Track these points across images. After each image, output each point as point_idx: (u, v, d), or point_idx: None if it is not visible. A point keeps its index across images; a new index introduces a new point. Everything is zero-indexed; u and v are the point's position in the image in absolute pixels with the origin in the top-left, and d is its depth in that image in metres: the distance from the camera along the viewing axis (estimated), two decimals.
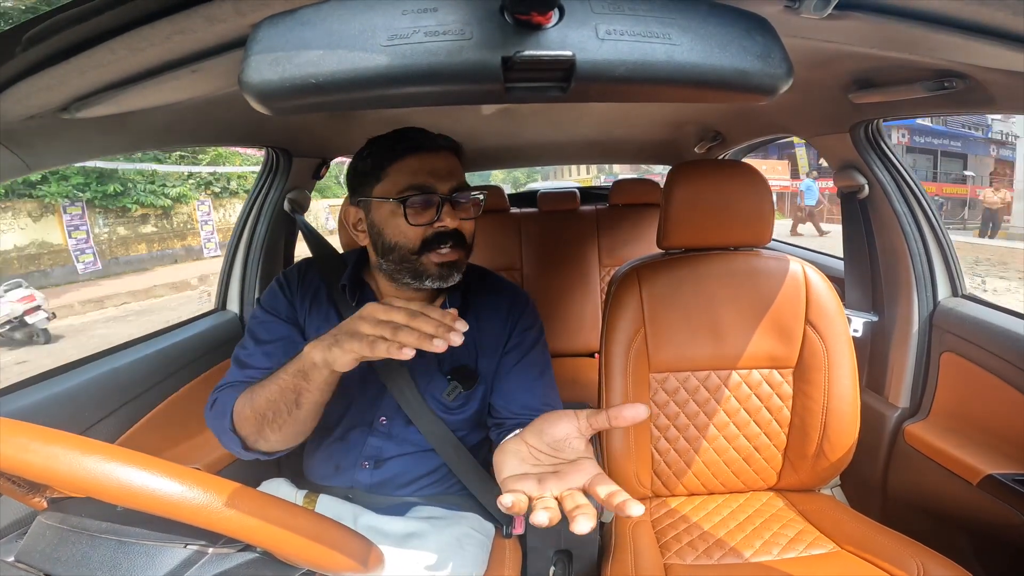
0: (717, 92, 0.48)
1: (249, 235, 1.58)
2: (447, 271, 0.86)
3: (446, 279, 0.86)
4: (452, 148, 0.90)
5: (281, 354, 0.89)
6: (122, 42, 0.57)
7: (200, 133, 1.18)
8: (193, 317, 1.52)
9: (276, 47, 0.43)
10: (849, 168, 1.40)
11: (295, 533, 0.47)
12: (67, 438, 0.45)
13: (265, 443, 0.82)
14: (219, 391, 0.89)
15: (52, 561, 0.49)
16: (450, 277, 0.86)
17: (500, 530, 1.02)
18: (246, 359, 0.91)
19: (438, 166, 0.86)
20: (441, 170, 0.86)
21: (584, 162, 3.67)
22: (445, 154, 0.88)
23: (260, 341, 0.92)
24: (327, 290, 0.97)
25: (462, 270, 0.88)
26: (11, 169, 0.78)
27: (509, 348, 0.97)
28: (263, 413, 0.78)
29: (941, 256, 1.34)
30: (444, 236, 0.84)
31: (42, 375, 1.05)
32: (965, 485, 1.11)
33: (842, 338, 1.14)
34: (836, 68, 1.03)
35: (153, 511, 0.44)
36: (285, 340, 0.92)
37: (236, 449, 0.84)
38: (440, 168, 0.86)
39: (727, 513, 1.16)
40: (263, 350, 0.91)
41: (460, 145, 0.93)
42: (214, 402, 0.87)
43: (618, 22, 0.44)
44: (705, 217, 1.16)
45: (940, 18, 0.63)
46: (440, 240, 0.84)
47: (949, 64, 0.84)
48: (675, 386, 1.19)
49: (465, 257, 0.89)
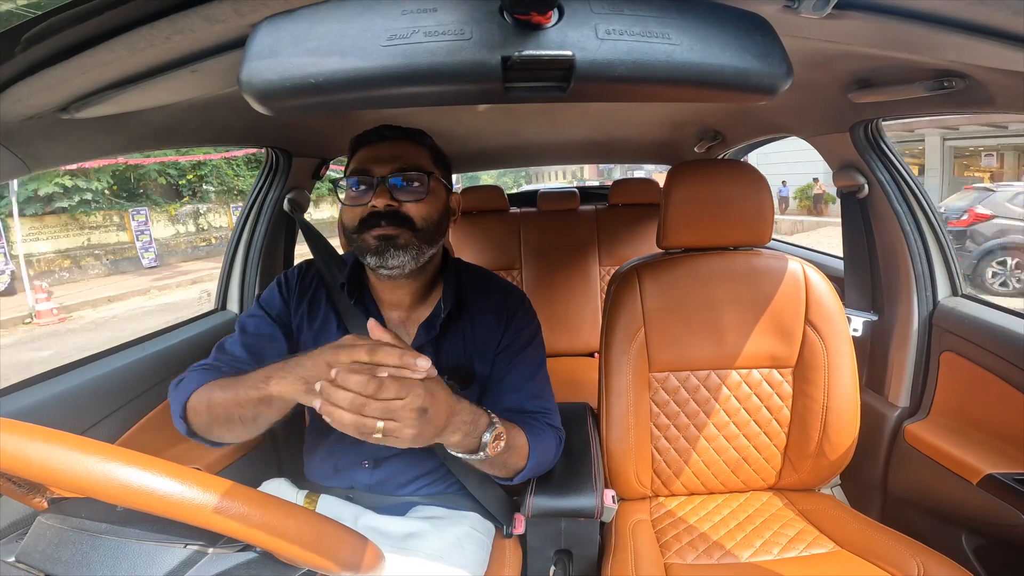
0: (717, 92, 0.48)
1: (249, 235, 1.58)
2: (383, 245, 0.86)
3: (382, 254, 0.86)
4: (406, 136, 0.94)
5: (258, 350, 0.92)
6: (122, 42, 0.57)
7: (200, 133, 1.18)
8: (193, 317, 1.52)
9: (276, 47, 0.43)
10: (849, 168, 1.40)
11: (295, 533, 0.47)
12: (67, 438, 0.45)
13: (211, 436, 0.83)
14: (190, 371, 0.89)
15: (52, 561, 0.49)
16: (387, 253, 0.86)
17: (500, 530, 1.02)
18: (226, 344, 0.94)
19: (382, 153, 0.90)
20: (384, 156, 0.89)
21: (584, 162, 3.67)
22: (394, 143, 0.92)
23: (244, 332, 0.95)
24: (326, 290, 0.98)
25: (411, 250, 0.87)
26: (10, 169, 0.78)
27: (502, 348, 0.97)
28: (217, 416, 0.79)
29: (941, 255, 1.34)
30: (377, 215, 0.86)
31: (43, 375, 1.05)
32: (965, 484, 1.11)
33: (842, 337, 1.14)
34: (836, 68, 1.03)
35: (153, 511, 0.44)
36: (266, 338, 0.95)
37: (183, 431, 0.85)
38: (383, 155, 0.90)
39: (727, 512, 1.16)
40: (243, 341, 0.94)
41: (422, 134, 0.96)
42: (180, 381, 0.87)
43: (617, 22, 0.44)
44: (705, 217, 1.16)
45: (940, 18, 0.63)
46: (374, 219, 0.86)
47: (949, 64, 0.84)
48: (675, 385, 1.19)
49: (412, 237, 0.87)
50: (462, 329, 0.96)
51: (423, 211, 0.89)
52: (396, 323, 0.96)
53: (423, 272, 0.93)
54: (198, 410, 0.82)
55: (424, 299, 0.97)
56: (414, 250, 0.88)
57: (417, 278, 0.93)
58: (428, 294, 0.97)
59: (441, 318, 0.93)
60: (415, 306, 0.97)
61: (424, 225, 0.89)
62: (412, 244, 0.87)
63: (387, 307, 0.97)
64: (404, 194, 0.88)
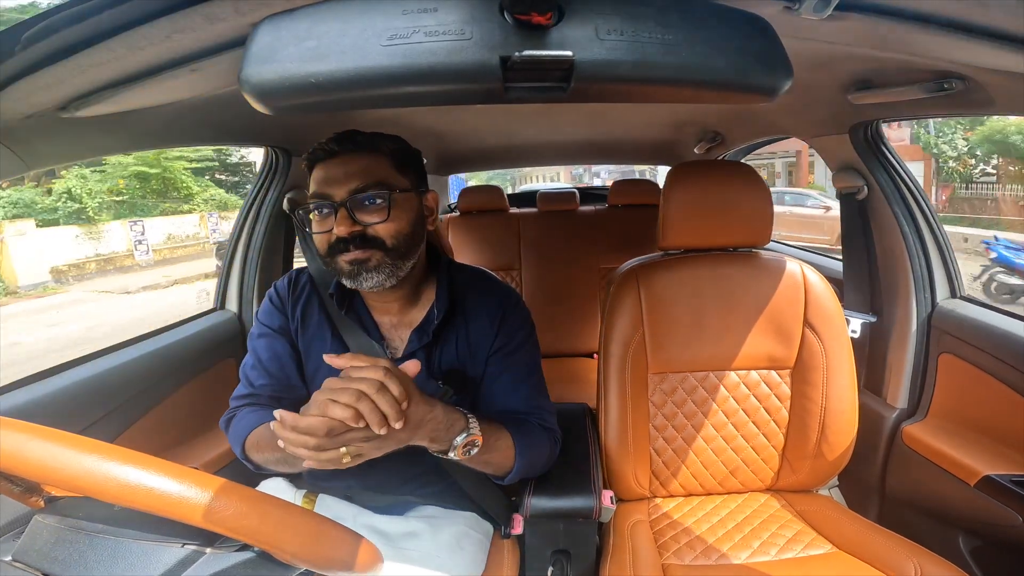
0: (717, 93, 0.48)
1: (248, 234, 1.58)
2: (356, 269, 0.84)
3: (356, 278, 0.84)
4: (360, 147, 0.86)
5: (277, 370, 0.95)
6: (121, 41, 0.57)
7: (199, 132, 1.18)
8: (192, 316, 1.52)
9: (276, 46, 0.43)
10: (848, 169, 1.40)
11: (293, 532, 0.47)
12: (64, 437, 0.45)
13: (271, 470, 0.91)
14: (233, 408, 0.96)
15: (49, 560, 0.49)
16: (360, 276, 0.84)
17: (499, 530, 1.02)
18: (249, 374, 0.96)
19: (335, 173, 0.84)
20: (337, 176, 0.84)
21: (584, 162, 3.67)
22: (346, 157, 0.85)
23: (258, 359, 0.96)
24: (319, 297, 0.98)
25: (384, 269, 0.85)
26: (10, 168, 0.78)
27: (496, 349, 0.96)
28: (267, 459, 0.87)
29: (940, 257, 1.35)
30: (344, 241, 0.83)
31: (42, 373, 1.05)
32: (962, 486, 1.11)
33: (841, 339, 1.14)
34: (836, 69, 1.03)
35: (151, 511, 0.44)
36: (282, 357, 0.96)
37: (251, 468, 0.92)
38: (335, 175, 0.84)
39: (725, 513, 1.16)
40: (263, 368, 0.95)
41: (378, 139, 0.88)
42: (230, 419, 0.94)
43: (618, 22, 0.44)
44: (704, 218, 1.16)
45: (940, 19, 0.63)
46: (340, 245, 0.84)
47: (949, 65, 0.84)
48: (673, 386, 1.19)
49: (385, 256, 0.85)
50: (456, 331, 0.95)
51: (391, 229, 0.85)
52: (388, 328, 0.96)
53: (406, 281, 0.91)
54: (253, 452, 0.89)
55: (415, 302, 0.96)
56: (388, 268, 0.85)
57: (402, 287, 0.91)
58: (418, 297, 0.96)
59: (435, 324, 0.92)
60: (406, 310, 0.96)
61: (395, 243, 0.85)
62: (384, 264, 0.85)
63: (378, 312, 0.96)
64: (367, 215, 0.84)
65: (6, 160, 0.76)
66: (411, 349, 0.93)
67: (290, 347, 0.97)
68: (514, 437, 0.88)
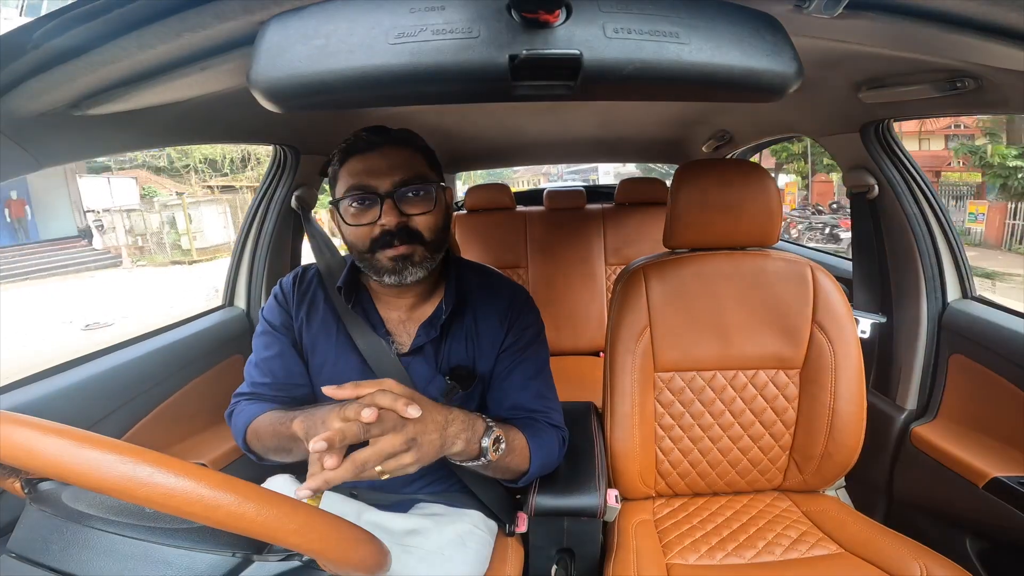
0: (726, 92, 0.48)
1: (257, 231, 1.59)
2: (400, 265, 0.85)
3: (400, 273, 0.86)
4: (398, 141, 0.88)
5: (279, 369, 0.96)
6: (132, 39, 0.58)
7: (209, 130, 1.19)
8: (201, 312, 1.53)
9: (285, 45, 0.43)
10: (859, 168, 1.39)
11: (309, 530, 0.47)
12: (72, 433, 0.45)
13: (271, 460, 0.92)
14: (235, 403, 0.97)
15: (43, 552, 0.48)
16: (405, 271, 0.86)
17: (503, 528, 1.02)
18: (252, 372, 0.98)
19: (377, 164, 0.85)
20: (380, 168, 0.85)
21: (591, 160, 3.65)
22: (387, 150, 0.86)
23: (260, 356, 0.97)
24: (325, 292, 0.98)
25: (426, 264, 0.87)
26: (21, 165, 0.78)
27: (505, 347, 0.96)
28: (267, 447, 0.89)
29: (951, 257, 1.33)
30: (389, 234, 0.84)
31: (51, 369, 1.06)
32: (971, 487, 1.10)
33: (849, 339, 1.13)
34: (846, 67, 1.02)
35: (158, 508, 0.43)
36: (283, 355, 0.96)
37: (253, 458, 0.94)
38: (379, 166, 0.85)
39: (731, 513, 1.15)
40: (262, 367, 0.96)
41: (412, 135, 0.91)
42: (231, 413, 0.96)
43: (626, 20, 0.43)
44: (712, 216, 1.15)
45: (952, 18, 0.62)
46: (386, 238, 0.84)
47: (961, 64, 0.83)
48: (680, 386, 1.19)
49: (425, 251, 0.87)
50: (464, 328, 0.96)
51: (431, 222, 0.87)
52: (395, 323, 0.96)
53: (430, 276, 0.92)
54: (253, 441, 0.91)
55: (425, 299, 0.97)
56: (428, 262, 0.87)
57: (424, 283, 0.93)
58: (430, 294, 0.97)
59: (442, 319, 0.93)
60: (416, 306, 0.97)
61: (433, 236, 0.88)
62: (426, 258, 0.87)
63: (386, 308, 0.97)
64: (411, 207, 0.85)
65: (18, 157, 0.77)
66: (418, 344, 0.94)
67: (292, 344, 0.97)
68: (528, 439, 0.89)
